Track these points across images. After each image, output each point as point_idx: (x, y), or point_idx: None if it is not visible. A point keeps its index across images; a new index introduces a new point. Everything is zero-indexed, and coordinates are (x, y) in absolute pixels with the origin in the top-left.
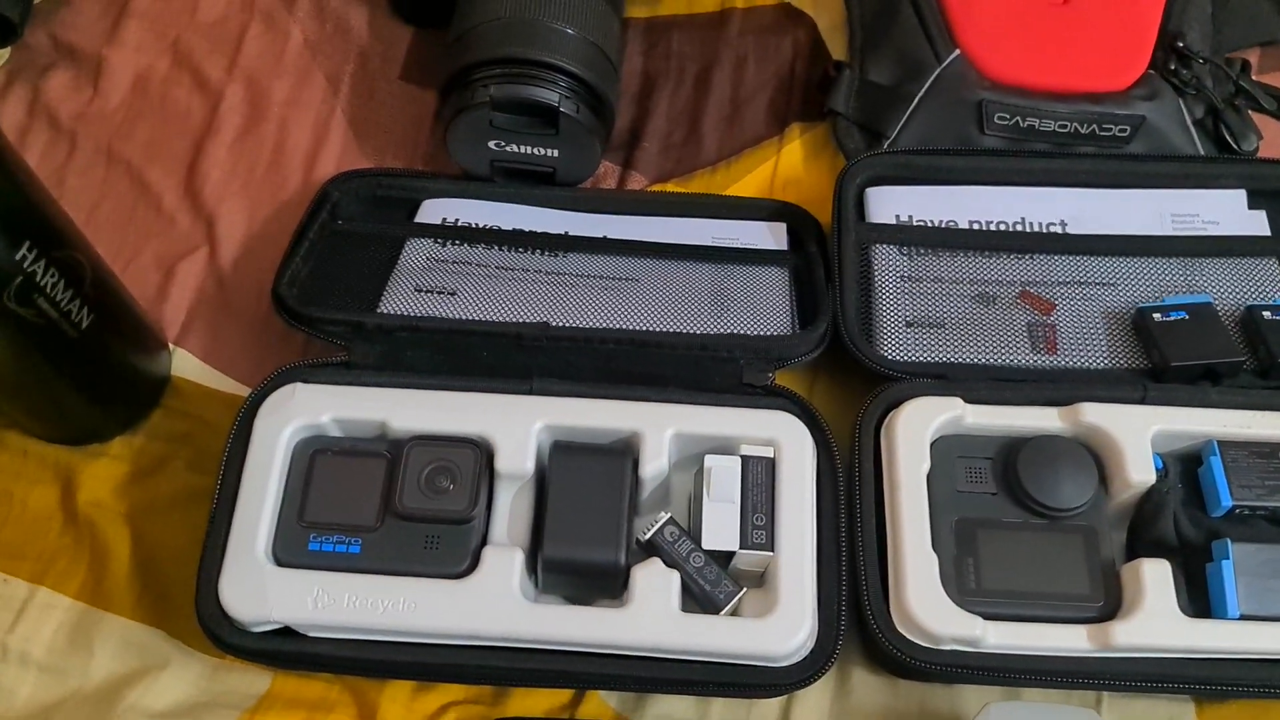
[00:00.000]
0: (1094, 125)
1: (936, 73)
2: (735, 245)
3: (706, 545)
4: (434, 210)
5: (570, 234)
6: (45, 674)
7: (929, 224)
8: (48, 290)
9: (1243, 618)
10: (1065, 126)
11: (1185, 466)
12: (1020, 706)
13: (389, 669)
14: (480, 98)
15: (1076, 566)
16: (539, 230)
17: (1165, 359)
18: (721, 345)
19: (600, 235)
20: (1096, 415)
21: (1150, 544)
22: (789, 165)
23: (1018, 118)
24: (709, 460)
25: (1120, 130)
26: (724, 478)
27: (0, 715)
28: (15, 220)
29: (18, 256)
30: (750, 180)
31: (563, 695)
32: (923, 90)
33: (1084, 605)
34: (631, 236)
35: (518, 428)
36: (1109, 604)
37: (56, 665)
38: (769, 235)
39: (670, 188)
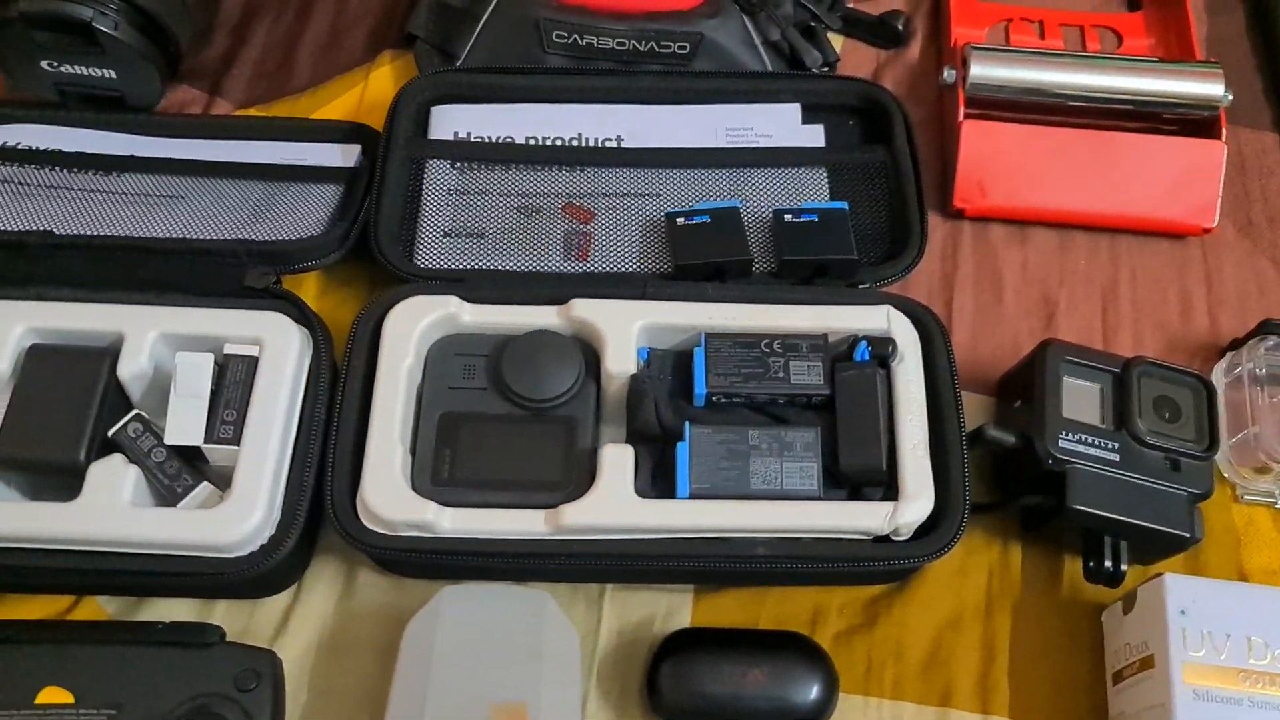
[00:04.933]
0: (653, 42)
1: None
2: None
3: (170, 440)
4: (4, 135)
5: (136, 156)
6: None
7: (486, 140)
8: None
9: (692, 496)
10: (623, 44)
11: (681, 360)
12: (474, 588)
13: None
14: (10, 12)
15: (552, 455)
16: (102, 153)
17: (675, 258)
18: (226, 250)
19: (165, 158)
20: (587, 310)
21: (636, 433)
22: (376, 91)
23: (575, 35)
24: (178, 357)
25: (680, 47)
26: (191, 373)
27: None
28: None
29: None
30: (337, 105)
31: (60, 602)
32: (489, 10)
33: (552, 492)
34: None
35: None
36: (578, 490)
37: None
38: (339, 155)
39: (252, 113)
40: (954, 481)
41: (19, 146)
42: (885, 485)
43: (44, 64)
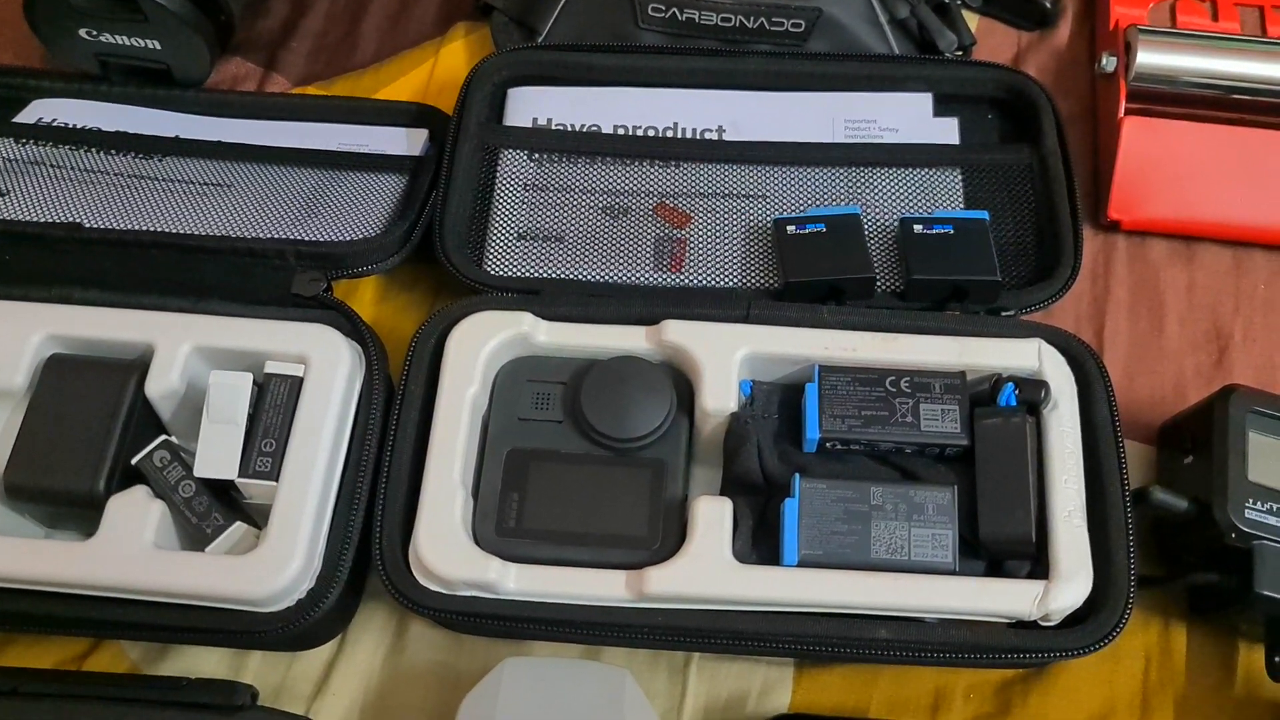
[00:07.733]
0: (763, 19)
1: None
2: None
3: (200, 473)
4: (40, 111)
5: (181, 138)
6: None
7: (569, 128)
8: None
9: (801, 564)
10: (729, 20)
11: (789, 397)
12: (538, 663)
13: None
14: None
15: (635, 505)
16: (143, 133)
17: (784, 274)
18: (272, 250)
19: (215, 140)
20: (681, 334)
21: (734, 482)
22: (448, 68)
23: (674, 9)
24: (213, 377)
25: (794, 25)
26: (227, 396)
27: None
28: None
29: None
30: (403, 84)
31: (77, 645)
32: None
33: (635, 549)
34: (253, 142)
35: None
36: (665, 549)
37: None
38: (405, 141)
39: (311, 92)
40: (1116, 559)
41: (53, 124)
42: (1033, 559)
43: (83, 32)
